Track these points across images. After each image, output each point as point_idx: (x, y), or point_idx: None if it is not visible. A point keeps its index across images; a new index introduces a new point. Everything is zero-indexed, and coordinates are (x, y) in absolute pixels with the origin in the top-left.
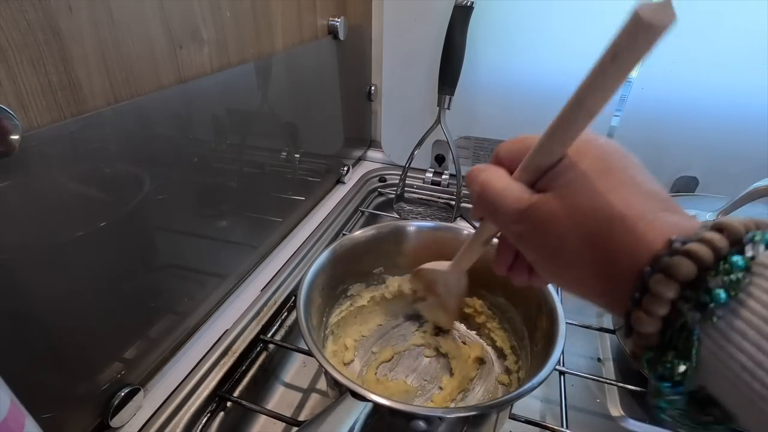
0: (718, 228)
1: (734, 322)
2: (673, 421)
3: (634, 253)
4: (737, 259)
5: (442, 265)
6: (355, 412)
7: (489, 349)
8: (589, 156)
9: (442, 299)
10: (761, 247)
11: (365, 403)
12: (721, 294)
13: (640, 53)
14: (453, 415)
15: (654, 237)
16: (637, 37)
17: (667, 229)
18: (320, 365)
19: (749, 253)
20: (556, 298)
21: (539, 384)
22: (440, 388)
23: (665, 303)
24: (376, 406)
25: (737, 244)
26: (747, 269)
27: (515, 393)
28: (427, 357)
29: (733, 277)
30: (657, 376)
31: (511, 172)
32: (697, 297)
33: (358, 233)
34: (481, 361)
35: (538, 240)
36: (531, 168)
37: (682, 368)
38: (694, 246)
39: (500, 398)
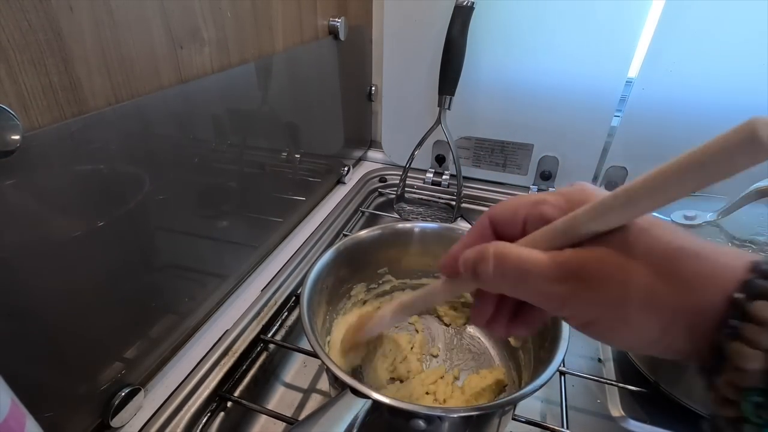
0: None
1: None
2: None
3: (713, 276)
4: None
5: (380, 315)
6: (355, 409)
7: (493, 351)
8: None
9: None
10: None
11: (365, 400)
12: None
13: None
14: (453, 415)
15: (732, 262)
16: (747, 152)
17: (741, 255)
18: (322, 362)
19: None
20: None
21: (542, 385)
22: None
23: None
24: (376, 404)
25: None
26: None
27: (518, 394)
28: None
29: None
30: (763, 424)
31: (509, 241)
32: None
33: (362, 233)
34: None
35: (593, 295)
36: (569, 234)
37: None
38: None
39: (503, 399)
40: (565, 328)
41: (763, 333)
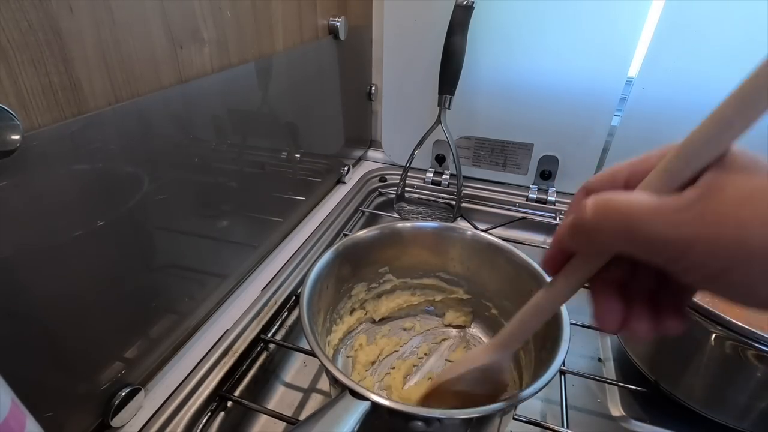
0: None
1: None
2: None
3: None
4: None
5: (475, 359)
6: (354, 411)
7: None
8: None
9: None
10: None
11: (364, 402)
12: None
13: None
14: (453, 417)
15: None
16: None
17: None
18: (321, 363)
19: None
20: None
21: (544, 386)
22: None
23: None
24: (375, 406)
25: None
26: None
27: (519, 396)
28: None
29: None
30: None
31: None
32: None
33: (362, 233)
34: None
35: (725, 231)
36: (674, 174)
37: None
38: None
39: (504, 401)
40: (567, 328)
41: None
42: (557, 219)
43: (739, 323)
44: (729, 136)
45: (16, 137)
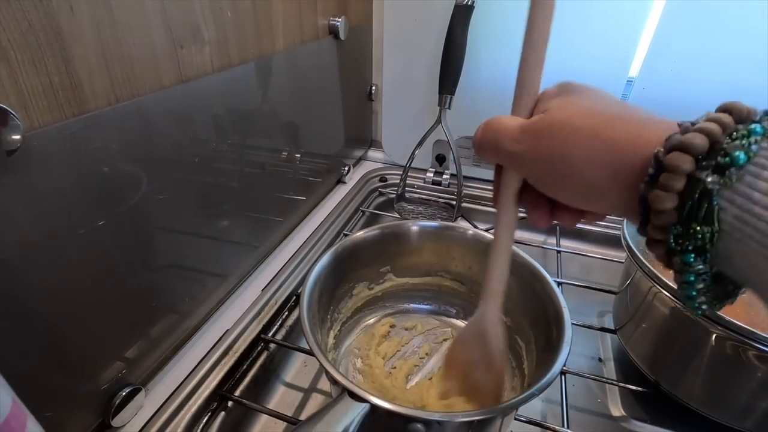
0: (724, 109)
1: (757, 183)
2: (697, 301)
3: (641, 138)
4: (755, 126)
5: (473, 327)
6: (352, 413)
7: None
8: (573, 85)
9: (484, 379)
10: None
11: (363, 404)
12: (741, 155)
13: None
14: (453, 420)
15: (658, 125)
16: None
17: (667, 122)
18: (320, 364)
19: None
20: (563, 303)
21: (545, 388)
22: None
23: (682, 176)
24: (374, 408)
25: (744, 122)
26: (765, 136)
27: (520, 397)
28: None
29: (752, 139)
30: (683, 250)
31: None
32: (715, 162)
33: (362, 233)
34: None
35: (541, 152)
36: (521, 106)
37: (707, 233)
38: (704, 124)
39: (505, 402)
40: (568, 330)
41: (674, 177)
42: None
43: (739, 323)
44: (533, 72)
45: (17, 137)
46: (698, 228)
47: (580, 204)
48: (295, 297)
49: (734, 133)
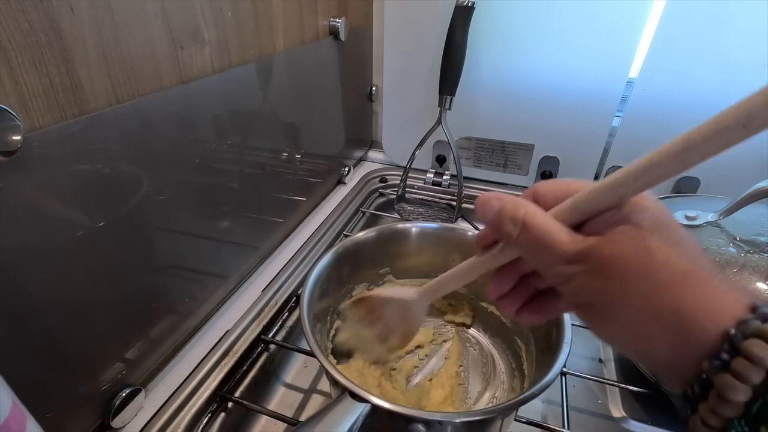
0: None
1: None
2: None
3: (713, 310)
4: None
5: (403, 292)
6: (353, 413)
7: (495, 353)
8: (651, 206)
9: (390, 331)
10: None
11: (364, 404)
12: None
13: None
14: (454, 420)
15: (733, 299)
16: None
17: (740, 292)
18: (321, 365)
19: None
20: None
21: (545, 388)
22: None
23: (761, 370)
24: (375, 408)
25: None
26: None
27: (520, 398)
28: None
29: None
30: None
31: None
32: None
33: (363, 234)
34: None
35: (597, 284)
36: (580, 210)
37: None
38: None
39: (504, 403)
40: (568, 331)
41: (752, 368)
42: None
43: None
44: (618, 194)
45: (17, 138)
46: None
47: (617, 344)
48: (295, 298)
49: None
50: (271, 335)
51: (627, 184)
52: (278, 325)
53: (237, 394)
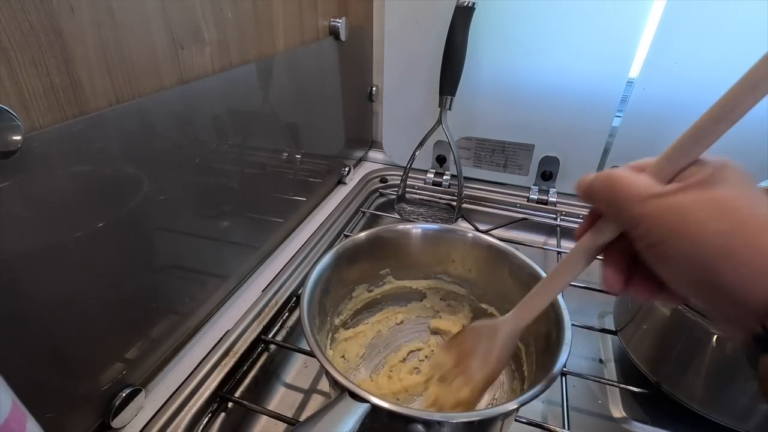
0: None
1: None
2: None
3: None
4: None
5: (493, 322)
6: (353, 413)
7: None
8: (734, 174)
9: (473, 370)
10: None
11: (363, 404)
12: None
13: None
14: (453, 420)
15: None
16: None
17: None
18: (321, 365)
19: None
20: (563, 305)
21: (545, 389)
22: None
23: None
24: (374, 408)
25: None
26: None
27: (520, 398)
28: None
29: None
30: None
31: None
32: None
33: (363, 234)
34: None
35: (675, 228)
36: (664, 170)
37: None
38: None
39: (505, 404)
40: (568, 331)
41: None
42: (558, 220)
43: None
44: (709, 140)
45: (18, 138)
46: None
47: (680, 284)
48: (295, 298)
49: None
50: (271, 335)
51: (710, 130)
52: (278, 325)
53: (237, 394)
